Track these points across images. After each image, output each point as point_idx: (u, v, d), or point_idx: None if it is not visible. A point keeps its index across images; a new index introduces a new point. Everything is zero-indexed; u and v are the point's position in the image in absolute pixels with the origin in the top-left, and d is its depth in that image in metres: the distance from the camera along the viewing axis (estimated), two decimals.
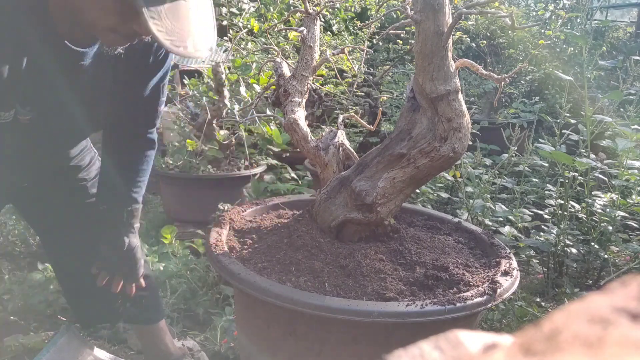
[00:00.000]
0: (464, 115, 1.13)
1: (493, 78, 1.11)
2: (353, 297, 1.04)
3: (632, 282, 0.23)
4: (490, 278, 1.11)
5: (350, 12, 4.07)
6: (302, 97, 1.39)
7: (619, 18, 7.53)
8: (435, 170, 1.20)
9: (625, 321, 0.20)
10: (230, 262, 1.11)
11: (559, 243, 2.02)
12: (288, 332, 1.07)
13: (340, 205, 1.26)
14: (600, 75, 4.30)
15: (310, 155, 1.38)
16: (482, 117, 4.20)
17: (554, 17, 4.55)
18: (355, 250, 1.20)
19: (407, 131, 1.19)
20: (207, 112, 2.67)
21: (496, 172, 2.33)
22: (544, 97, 4.37)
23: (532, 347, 0.21)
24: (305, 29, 1.39)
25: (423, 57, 1.10)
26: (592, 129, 2.16)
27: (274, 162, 3.08)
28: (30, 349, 1.69)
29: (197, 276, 2.11)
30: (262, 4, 3.15)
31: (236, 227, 1.37)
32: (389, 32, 1.27)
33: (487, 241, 1.35)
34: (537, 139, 2.58)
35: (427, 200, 2.54)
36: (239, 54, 2.97)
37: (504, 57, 4.91)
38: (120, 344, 1.78)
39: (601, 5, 5.02)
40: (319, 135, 1.73)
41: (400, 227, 1.33)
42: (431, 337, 0.25)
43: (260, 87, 2.56)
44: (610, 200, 2.01)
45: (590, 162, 2.01)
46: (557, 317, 0.22)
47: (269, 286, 1.02)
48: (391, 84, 3.58)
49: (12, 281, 2.05)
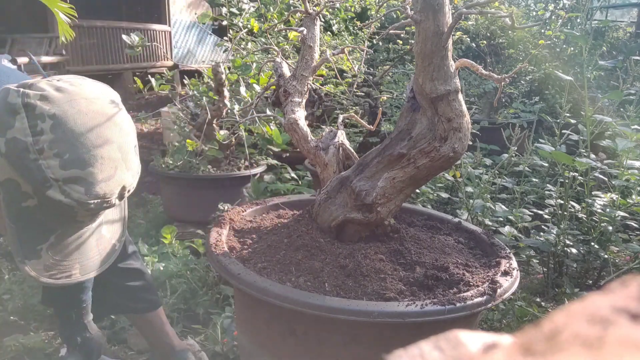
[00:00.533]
0: (464, 115, 1.13)
1: (493, 78, 1.11)
2: (353, 297, 1.04)
3: (632, 282, 0.23)
4: (490, 278, 1.11)
5: (350, 12, 4.07)
6: (302, 97, 1.39)
7: (619, 18, 7.54)
8: (435, 170, 1.20)
9: (625, 321, 0.20)
10: (230, 262, 1.11)
11: (559, 243, 2.02)
12: (288, 332, 1.07)
13: (340, 205, 1.26)
14: (600, 75, 4.30)
15: (310, 155, 1.38)
16: (482, 117, 4.20)
17: (554, 17, 4.55)
18: (355, 250, 1.20)
19: (407, 131, 1.19)
20: (207, 112, 2.67)
21: (496, 172, 2.33)
22: (544, 97, 4.37)
23: (532, 347, 0.21)
24: (305, 29, 1.39)
25: (423, 57, 1.10)
26: (592, 129, 2.16)
27: (274, 162, 3.08)
28: (30, 349, 1.69)
29: (197, 276, 2.11)
30: (262, 4, 3.15)
31: (236, 227, 1.37)
32: (389, 32, 1.27)
33: (487, 241, 1.35)
34: (537, 139, 2.58)
35: (427, 200, 2.54)
36: (239, 54, 2.97)
37: (504, 57, 4.91)
38: (120, 344, 1.78)
39: (601, 5, 5.02)
40: (319, 135, 1.73)
41: (400, 227, 1.33)
42: (431, 337, 0.25)
43: (260, 87, 2.56)
44: (610, 200, 2.01)
45: (590, 162, 2.01)
46: (557, 317, 0.22)
47: (269, 286, 1.02)
48: (391, 84, 3.58)
49: (12, 281, 2.05)
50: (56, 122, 0.84)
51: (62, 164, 0.84)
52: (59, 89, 0.88)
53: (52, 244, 0.92)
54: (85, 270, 0.97)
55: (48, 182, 0.83)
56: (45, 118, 0.84)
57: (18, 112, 0.83)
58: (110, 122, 0.90)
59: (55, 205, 0.86)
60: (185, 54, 9.40)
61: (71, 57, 6.79)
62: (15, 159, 0.83)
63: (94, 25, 7.34)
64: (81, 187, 0.86)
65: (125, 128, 0.94)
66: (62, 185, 0.84)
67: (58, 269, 0.93)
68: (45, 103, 0.85)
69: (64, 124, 0.85)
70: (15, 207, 0.88)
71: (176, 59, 8.96)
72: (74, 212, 0.88)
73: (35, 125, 0.83)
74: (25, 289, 1.99)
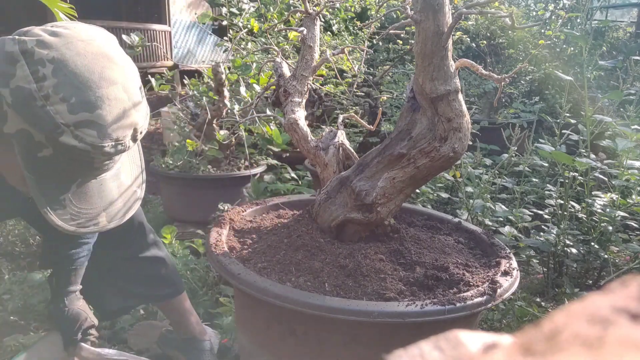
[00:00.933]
0: (464, 115, 1.13)
1: (493, 78, 1.11)
2: (353, 297, 1.04)
3: (632, 282, 0.23)
4: (490, 278, 1.11)
5: (350, 12, 4.08)
6: (302, 97, 1.39)
7: (619, 18, 7.54)
8: (435, 170, 1.20)
9: (625, 321, 0.20)
10: (230, 262, 1.11)
11: (559, 243, 2.02)
12: (288, 332, 1.07)
13: (340, 205, 1.26)
14: (600, 75, 4.30)
15: (310, 155, 1.38)
16: (482, 117, 4.20)
17: (554, 17, 4.55)
18: (355, 250, 1.20)
19: (407, 131, 1.19)
20: (207, 112, 2.67)
21: (496, 172, 2.33)
22: (544, 97, 4.37)
23: (532, 347, 0.21)
24: (305, 29, 1.39)
25: (423, 57, 1.10)
26: (592, 129, 2.16)
27: (274, 162, 3.08)
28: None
29: (197, 276, 2.11)
30: (262, 4, 3.15)
31: (236, 227, 1.37)
32: (389, 32, 1.27)
33: (487, 241, 1.35)
34: (537, 139, 2.58)
35: (427, 200, 2.54)
36: (239, 54, 2.97)
37: (504, 57, 4.91)
38: (120, 344, 1.78)
39: (601, 5, 5.02)
40: (319, 135, 1.73)
41: (400, 227, 1.33)
42: (431, 337, 0.25)
43: (260, 87, 2.56)
44: (610, 200, 2.01)
45: (590, 162, 2.01)
46: (557, 317, 0.22)
47: (269, 286, 1.02)
48: (391, 84, 3.58)
49: (12, 281, 2.05)
50: (56, 65, 0.84)
51: (69, 108, 0.83)
52: (54, 34, 0.87)
53: (75, 192, 0.92)
54: (111, 216, 0.97)
55: (59, 127, 0.83)
56: (45, 63, 0.83)
57: (17, 60, 0.83)
58: (110, 62, 0.89)
59: (70, 152, 0.85)
60: (185, 54, 9.40)
61: None
62: (23, 108, 0.82)
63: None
64: (93, 130, 0.85)
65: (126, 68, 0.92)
66: (73, 130, 0.84)
67: (85, 217, 0.93)
68: (42, 48, 0.84)
69: (65, 67, 0.84)
70: (31, 158, 0.87)
71: (176, 59, 8.96)
72: (90, 157, 0.87)
73: (36, 71, 0.83)
74: (25, 289, 1.98)
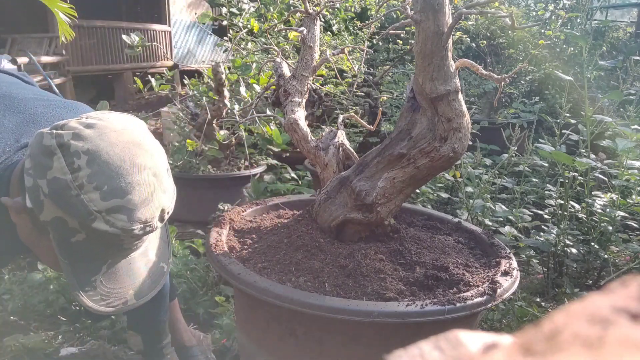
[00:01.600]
0: (464, 115, 1.13)
1: (493, 78, 1.11)
2: (353, 297, 1.04)
3: (632, 282, 0.23)
4: (490, 278, 1.11)
5: (350, 12, 4.08)
6: (302, 97, 1.39)
7: (619, 18, 7.54)
8: (435, 170, 1.20)
9: (625, 321, 0.20)
10: (230, 262, 1.11)
11: (559, 243, 2.02)
12: (288, 332, 1.07)
13: (340, 205, 1.26)
14: (600, 75, 4.30)
15: (310, 155, 1.38)
16: (482, 117, 4.20)
17: (554, 17, 4.55)
18: (355, 250, 1.20)
19: (407, 131, 1.19)
20: (207, 112, 2.67)
21: (496, 172, 2.33)
22: (544, 97, 4.37)
23: (532, 347, 0.21)
24: (305, 29, 1.39)
25: (423, 57, 1.10)
26: (592, 129, 2.16)
27: (274, 162, 3.08)
28: (30, 349, 1.69)
29: (197, 276, 2.11)
30: (262, 4, 3.15)
31: (236, 227, 1.37)
32: (389, 32, 1.27)
33: (487, 241, 1.35)
34: (537, 139, 2.58)
35: (427, 200, 2.54)
36: (239, 54, 2.97)
37: (504, 57, 4.91)
38: (120, 344, 1.78)
39: (601, 5, 5.01)
40: (319, 135, 1.73)
41: (400, 227, 1.33)
42: (431, 337, 0.25)
43: (260, 87, 2.56)
44: (610, 200, 2.01)
45: (590, 162, 2.01)
46: (557, 317, 0.22)
47: (269, 286, 1.02)
48: (391, 84, 3.58)
49: (12, 281, 2.05)
50: (91, 157, 0.89)
51: (102, 195, 0.88)
52: (89, 126, 0.92)
53: (105, 273, 0.97)
54: (139, 294, 1.01)
55: (92, 214, 0.88)
56: (80, 155, 0.88)
57: (54, 153, 0.88)
58: (140, 149, 0.94)
59: (102, 236, 0.90)
60: (185, 54, 9.40)
61: (71, 57, 6.78)
62: (58, 198, 0.87)
63: (94, 25, 7.33)
64: (123, 215, 0.90)
65: (155, 153, 0.98)
66: (105, 216, 0.88)
67: (114, 296, 0.97)
68: (78, 140, 0.89)
69: (98, 157, 0.89)
70: (65, 243, 0.92)
71: (176, 59, 8.96)
72: (120, 240, 0.92)
73: (72, 162, 0.88)
74: (25, 289, 1.98)
